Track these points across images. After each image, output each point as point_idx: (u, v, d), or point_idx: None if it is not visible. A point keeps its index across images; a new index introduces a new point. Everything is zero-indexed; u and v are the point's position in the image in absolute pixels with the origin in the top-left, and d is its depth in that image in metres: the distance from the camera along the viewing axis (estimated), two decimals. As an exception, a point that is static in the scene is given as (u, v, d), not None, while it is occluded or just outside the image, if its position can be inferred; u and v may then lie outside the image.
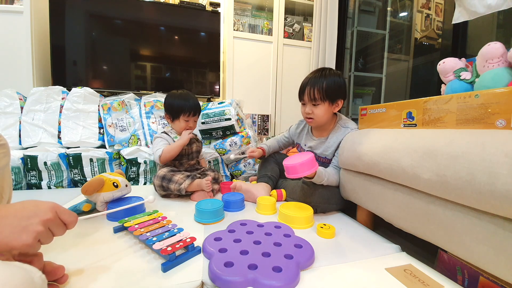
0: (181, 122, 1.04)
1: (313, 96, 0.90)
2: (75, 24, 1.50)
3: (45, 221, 0.37)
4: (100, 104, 1.37)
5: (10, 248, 0.35)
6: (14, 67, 1.42)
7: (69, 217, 0.41)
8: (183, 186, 0.93)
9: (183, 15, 1.69)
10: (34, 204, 0.39)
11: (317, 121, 0.94)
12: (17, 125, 1.26)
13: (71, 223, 0.41)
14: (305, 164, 0.74)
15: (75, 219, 0.42)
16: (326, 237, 0.68)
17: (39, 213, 0.38)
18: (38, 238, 0.36)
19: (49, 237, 0.39)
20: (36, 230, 0.36)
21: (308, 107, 0.93)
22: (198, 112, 1.07)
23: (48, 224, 0.38)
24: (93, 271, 0.50)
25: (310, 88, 0.90)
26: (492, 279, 0.50)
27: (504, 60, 0.61)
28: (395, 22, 2.08)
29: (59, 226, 0.40)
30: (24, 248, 0.35)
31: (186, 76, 1.76)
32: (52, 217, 0.38)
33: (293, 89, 2.05)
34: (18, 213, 0.37)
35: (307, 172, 0.74)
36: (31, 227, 0.36)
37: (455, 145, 0.49)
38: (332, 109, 0.93)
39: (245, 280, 0.46)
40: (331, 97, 0.90)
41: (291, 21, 2.04)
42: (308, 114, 0.94)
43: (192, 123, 1.06)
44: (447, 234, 0.51)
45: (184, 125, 1.04)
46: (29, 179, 1.17)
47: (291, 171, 0.75)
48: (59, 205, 0.41)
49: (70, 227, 0.42)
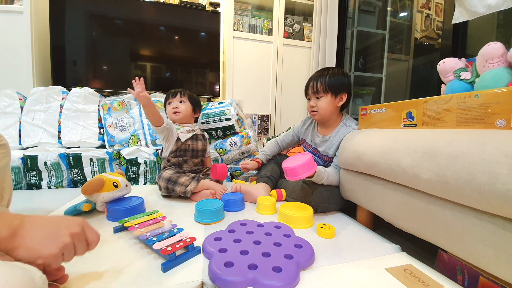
0: (167, 108, 1.10)
1: (316, 89, 0.94)
2: (75, 24, 1.50)
3: (73, 234, 0.39)
4: (100, 104, 1.36)
5: (37, 256, 0.35)
6: (14, 67, 1.42)
7: (92, 236, 0.42)
8: (189, 188, 0.93)
9: (183, 15, 1.69)
10: (64, 217, 0.41)
11: (321, 114, 0.95)
12: (17, 125, 1.25)
13: (93, 242, 0.42)
14: (305, 165, 0.74)
15: (97, 239, 0.43)
16: (326, 237, 0.68)
17: (69, 225, 0.39)
18: (63, 251, 0.37)
19: (72, 252, 0.39)
20: (64, 241, 0.37)
21: (312, 100, 0.97)
22: (178, 94, 1.09)
23: (75, 238, 0.39)
24: (93, 271, 0.50)
25: (313, 82, 0.95)
26: (492, 279, 0.50)
27: (504, 60, 0.61)
28: (395, 22, 2.08)
29: (83, 243, 0.41)
30: (50, 259, 0.36)
31: (186, 76, 1.76)
32: (80, 232, 0.40)
33: (293, 89, 2.05)
34: (50, 224, 0.38)
35: (307, 174, 0.75)
36: (60, 238, 0.37)
37: (455, 145, 0.48)
38: (336, 103, 0.95)
39: (245, 280, 0.46)
40: (334, 90, 0.93)
41: (291, 21, 2.04)
42: (312, 108, 0.97)
43: (176, 103, 1.08)
44: (447, 234, 0.51)
45: (169, 109, 1.08)
46: (29, 179, 1.17)
47: (291, 173, 0.76)
48: (87, 222, 0.43)
49: (91, 248, 0.42)
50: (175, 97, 1.08)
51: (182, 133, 1.04)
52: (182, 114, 1.07)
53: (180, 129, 1.04)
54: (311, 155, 0.77)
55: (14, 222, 0.36)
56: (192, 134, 1.06)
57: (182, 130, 1.04)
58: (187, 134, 1.05)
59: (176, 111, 1.05)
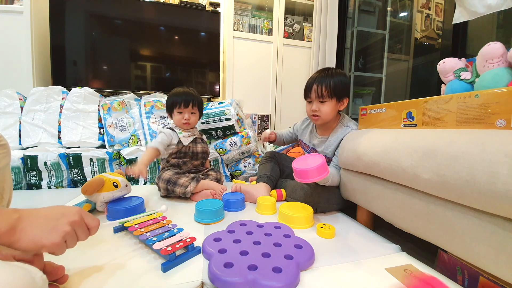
0: (176, 115, 1.04)
1: (321, 93, 0.90)
2: (75, 24, 1.50)
3: (72, 222, 0.40)
4: (100, 104, 1.37)
5: (40, 247, 0.36)
6: (14, 67, 1.42)
7: (92, 221, 0.43)
8: (189, 189, 0.93)
9: (183, 15, 1.69)
10: (61, 207, 0.42)
11: (323, 119, 0.94)
12: (17, 125, 1.25)
13: (94, 227, 0.43)
14: (318, 169, 0.69)
15: (97, 224, 0.44)
16: (326, 237, 0.68)
17: (67, 214, 0.40)
18: (65, 239, 0.38)
19: (75, 239, 0.41)
20: (65, 230, 0.38)
21: (315, 104, 0.93)
22: (190, 103, 1.03)
23: (74, 226, 0.40)
24: (93, 271, 0.50)
25: (317, 85, 0.91)
26: (492, 279, 0.50)
27: (504, 60, 0.60)
28: (395, 22, 2.08)
29: (83, 230, 0.42)
30: (53, 247, 0.37)
31: (186, 76, 1.76)
32: (79, 219, 0.41)
33: (293, 89, 2.05)
34: (47, 214, 0.39)
35: (319, 178, 0.70)
36: (60, 227, 0.38)
37: (455, 145, 0.48)
38: (338, 107, 0.94)
39: (245, 281, 0.46)
40: (338, 95, 0.91)
41: (291, 21, 2.04)
42: (314, 112, 0.94)
43: (187, 115, 1.03)
44: (447, 234, 0.51)
45: (180, 117, 1.03)
46: (29, 179, 1.17)
47: (303, 175, 0.71)
48: (84, 210, 0.44)
49: (93, 232, 0.44)
50: (187, 108, 1.03)
51: (184, 137, 1.04)
52: (192, 125, 1.07)
53: (182, 133, 1.04)
54: (324, 159, 0.73)
55: (12, 216, 0.36)
56: (193, 138, 1.07)
57: (184, 134, 1.04)
58: (188, 138, 1.05)
59: (186, 122, 1.04)
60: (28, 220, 0.37)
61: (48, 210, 0.40)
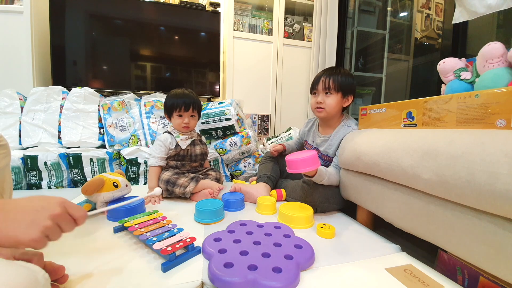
0: (175, 118, 1.03)
1: (328, 85, 0.92)
2: (75, 24, 1.50)
3: (53, 215, 0.36)
4: (100, 104, 1.37)
5: (17, 243, 0.33)
6: (14, 67, 1.42)
7: (78, 212, 0.39)
8: (188, 189, 0.93)
9: (183, 15, 1.69)
10: (42, 199, 0.37)
11: (327, 112, 0.94)
12: (17, 125, 1.26)
13: (80, 218, 0.39)
14: (307, 160, 0.72)
15: (84, 214, 0.40)
16: (326, 237, 0.68)
17: (47, 207, 0.36)
18: (46, 234, 0.35)
19: (57, 233, 0.37)
20: (44, 224, 0.34)
21: (320, 96, 0.95)
22: (191, 107, 1.02)
23: (56, 219, 0.36)
24: (93, 271, 0.50)
25: (325, 78, 0.93)
26: (492, 279, 0.50)
27: (504, 60, 0.61)
28: (395, 22, 2.08)
29: (68, 222, 0.38)
30: (32, 244, 0.33)
31: (186, 76, 1.76)
32: (61, 212, 0.37)
33: (293, 89, 2.05)
34: (25, 207, 0.35)
35: (308, 169, 0.72)
36: (39, 222, 0.34)
37: (455, 145, 0.48)
38: (342, 103, 0.95)
39: (245, 281, 0.46)
40: (344, 90, 0.93)
41: (291, 21, 2.04)
42: (319, 104, 0.94)
43: (187, 119, 1.02)
44: (447, 234, 0.51)
45: (180, 121, 1.02)
46: (29, 179, 1.17)
47: (293, 165, 0.73)
48: (67, 200, 0.39)
49: (80, 223, 0.40)
50: (188, 111, 1.02)
51: (182, 140, 1.04)
52: (191, 128, 1.07)
53: (180, 136, 1.04)
54: (315, 152, 0.75)
55: None
56: (191, 140, 1.06)
57: (182, 138, 1.04)
58: (186, 141, 1.04)
59: (186, 126, 1.03)
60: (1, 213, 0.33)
61: (26, 202, 0.36)
